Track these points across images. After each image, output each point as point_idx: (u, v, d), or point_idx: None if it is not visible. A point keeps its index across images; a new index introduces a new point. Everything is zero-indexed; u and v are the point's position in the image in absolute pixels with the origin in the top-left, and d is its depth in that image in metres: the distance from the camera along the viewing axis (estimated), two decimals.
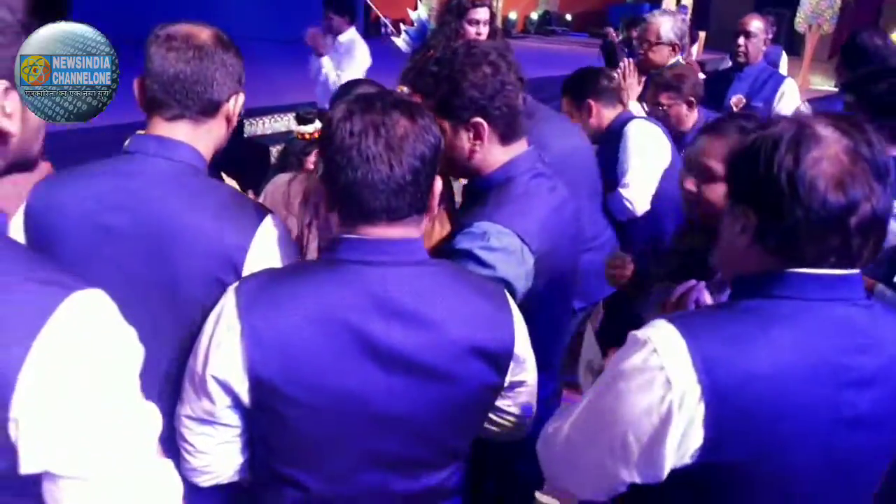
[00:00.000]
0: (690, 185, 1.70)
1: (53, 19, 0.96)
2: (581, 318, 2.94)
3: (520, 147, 1.63)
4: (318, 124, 3.24)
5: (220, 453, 1.29)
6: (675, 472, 1.08)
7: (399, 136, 1.19)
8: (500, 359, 1.29)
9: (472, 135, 1.57)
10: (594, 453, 1.14)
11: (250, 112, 5.46)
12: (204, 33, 1.43)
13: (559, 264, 1.61)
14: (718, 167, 1.60)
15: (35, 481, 0.87)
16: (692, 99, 3.15)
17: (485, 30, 3.69)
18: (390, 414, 1.22)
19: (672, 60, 3.70)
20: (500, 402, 1.38)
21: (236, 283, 1.26)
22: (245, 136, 5.59)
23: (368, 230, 1.23)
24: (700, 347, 1.04)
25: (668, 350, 1.05)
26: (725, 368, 1.03)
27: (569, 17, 18.85)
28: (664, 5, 12.83)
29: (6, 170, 0.98)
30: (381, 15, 4.87)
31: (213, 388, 1.22)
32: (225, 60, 1.43)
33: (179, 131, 1.42)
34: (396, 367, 1.20)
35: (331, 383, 1.19)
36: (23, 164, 1.00)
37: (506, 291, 1.36)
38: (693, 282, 1.42)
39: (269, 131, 6.11)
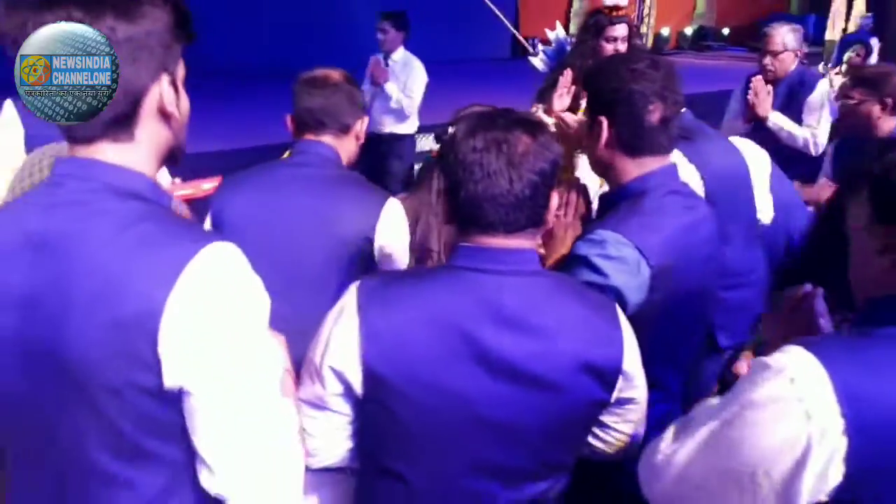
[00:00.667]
0: None
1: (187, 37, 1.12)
2: (728, 357, 2.68)
3: (656, 162, 1.63)
4: None
5: (328, 438, 1.35)
6: None
7: (520, 153, 1.24)
8: (607, 374, 1.29)
9: (596, 132, 1.63)
10: (714, 488, 1.08)
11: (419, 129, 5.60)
12: (335, 75, 2.01)
13: (683, 283, 1.58)
14: None
15: (179, 396, 1.05)
16: (890, 101, 2.84)
17: (622, 47, 3.62)
18: (495, 420, 1.25)
19: (793, 66, 3.87)
20: (607, 419, 1.38)
21: (358, 282, 1.33)
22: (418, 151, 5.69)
23: (485, 240, 1.27)
24: (842, 377, 0.97)
25: (806, 379, 0.98)
26: (870, 401, 0.96)
27: (725, 31, 18.04)
28: (832, 13, 11.98)
29: (163, 160, 1.16)
30: (520, 37, 4.79)
31: (327, 376, 1.28)
32: (351, 93, 2.01)
33: (325, 140, 1.99)
34: (503, 374, 1.23)
35: (439, 383, 1.23)
36: (173, 157, 1.17)
37: (617, 306, 1.36)
38: (809, 287, 1.29)
39: (416, 150, 6.18)
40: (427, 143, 5.97)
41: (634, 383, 1.34)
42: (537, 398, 1.24)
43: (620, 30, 3.55)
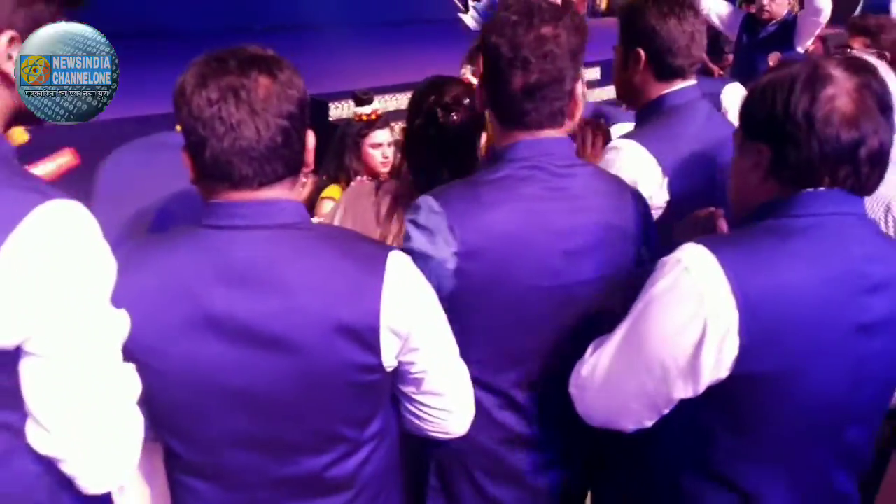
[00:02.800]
0: None
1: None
2: None
3: (527, 135, 1.43)
4: (375, 105, 3.27)
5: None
6: (709, 389, 1.16)
7: (262, 98, 1.11)
8: (363, 333, 1.16)
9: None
10: (635, 378, 1.22)
11: (337, 96, 5.46)
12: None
13: (515, 274, 1.38)
14: None
15: (15, 357, 1.03)
16: (888, 56, 2.78)
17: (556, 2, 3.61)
18: (240, 389, 1.15)
19: (785, 11, 4.54)
20: (405, 388, 1.31)
21: None
22: (330, 119, 5.47)
23: (234, 195, 1.15)
24: (729, 261, 1.12)
25: (699, 266, 1.13)
26: (754, 278, 1.11)
27: None
28: None
29: (13, 119, 1.13)
30: None
31: None
32: None
33: None
34: (240, 338, 1.13)
35: (177, 353, 1.14)
36: (24, 115, 1.12)
37: (394, 257, 1.22)
38: (713, 209, 1.47)
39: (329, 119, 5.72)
40: (343, 112, 5.43)
41: (412, 345, 1.22)
42: (283, 362, 1.14)
43: None
